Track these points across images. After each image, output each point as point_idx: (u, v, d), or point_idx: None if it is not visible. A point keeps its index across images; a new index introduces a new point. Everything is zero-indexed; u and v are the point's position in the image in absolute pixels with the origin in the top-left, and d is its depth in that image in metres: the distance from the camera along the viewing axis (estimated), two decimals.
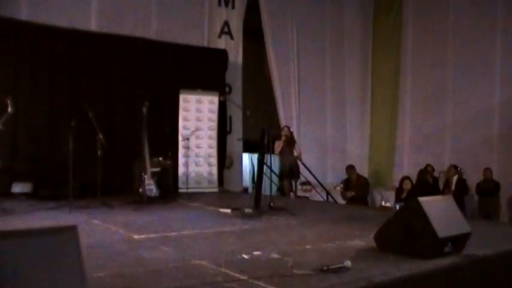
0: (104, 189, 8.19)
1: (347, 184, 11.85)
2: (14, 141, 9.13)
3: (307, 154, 13.06)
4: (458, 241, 4.58)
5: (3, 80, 9.18)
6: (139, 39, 10.96)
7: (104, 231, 5.87)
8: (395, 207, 9.91)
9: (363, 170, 13.78)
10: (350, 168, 11.93)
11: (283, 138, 10.43)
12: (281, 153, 10.55)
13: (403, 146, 13.94)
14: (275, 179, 10.48)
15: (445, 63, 13.06)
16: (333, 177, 13.53)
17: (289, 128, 10.71)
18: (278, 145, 10.31)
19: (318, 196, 12.03)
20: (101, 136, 7.85)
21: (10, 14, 9.49)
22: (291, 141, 10.53)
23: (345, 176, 12.18)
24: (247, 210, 7.26)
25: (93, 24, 10.58)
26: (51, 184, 8.87)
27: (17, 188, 8.97)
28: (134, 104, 10.01)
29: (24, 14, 9.75)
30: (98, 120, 8.03)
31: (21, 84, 9.43)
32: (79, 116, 7.92)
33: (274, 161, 10.56)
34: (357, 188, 11.47)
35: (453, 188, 11.40)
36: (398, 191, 11.40)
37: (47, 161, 9.40)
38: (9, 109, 7.39)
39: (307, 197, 11.92)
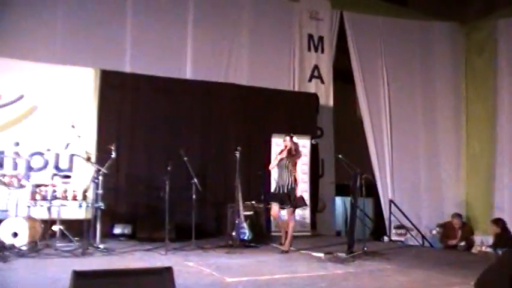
0: (198, 232, 8.38)
1: (447, 231, 11.11)
2: (116, 185, 9.63)
3: (401, 196, 12.74)
4: None
5: (109, 127, 9.81)
6: (232, 85, 11.36)
7: (198, 273, 5.98)
8: (497, 253, 9.30)
9: (460, 213, 13.15)
10: (456, 216, 11.14)
11: (283, 149, 8.18)
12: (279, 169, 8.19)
13: (502, 187, 13.16)
14: (368, 222, 10.17)
15: None
16: (428, 220, 13.00)
17: (291, 137, 8.23)
18: (275, 158, 8.28)
19: (413, 240, 11.60)
20: (195, 180, 8.09)
21: (116, 67, 10.25)
22: (293, 155, 8.11)
23: (441, 220, 11.60)
24: (340, 255, 7.15)
25: (188, 72, 11.14)
26: (148, 227, 9.21)
27: (118, 229, 9.38)
28: (227, 149, 10.27)
29: (127, 66, 10.52)
30: (193, 165, 8.29)
31: (123, 131, 10.02)
32: (175, 161, 8.22)
33: (367, 205, 10.30)
34: (464, 238, 10.69)
35: None
36: (499, 235, 10.64)
37: (145, 204, 9.80)
38: (113, 154, 7.87)
39: (401, 241, 11.53)
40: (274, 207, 8.04)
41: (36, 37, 9.89)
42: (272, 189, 8.34)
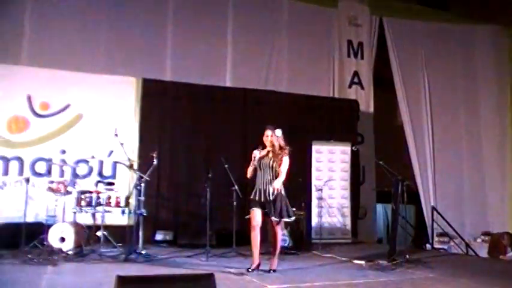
0: (239, 239, 8.42)
1: (496, 245, 10.83)
2: (158, 192, 9.79)
3: (443, 203, 12.49)
4: None
5: (150, 135, 10.01)
6: (272, 92, 11.40)
7: (239, 279, 6.01)
8: None
9: (505, 221, 12.80)
10: (506, 236, 10.84)
11: (265, 148, 6.63)
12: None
13: None
14: (410, 230, 10.01)
15: None
16: (472, 227, 12.71)
17: (274, 130, 6.63)
18: (253, 159, 6.60)
19: (456, 248, 11.37)
20: (236, 187, 8.14)
21: (157, 76, 10.49)
22: (278, 152, 6.55)
23: (486, 228, 11.32)
24: (382, 262, 7.08)
25: (228, 80, 11.27)
26: (189, 233, 9.32)
27: (160, 235, 9.55)
28: None
29: (168, 75, 10.72)
30: (234, 172, 8.35)
31: (165, 139, 10.18)
32: (216, 168, 8.29)
33: (409, 212, 10.15)
34: None
35: None
36: None
37: (186, 211, 9.92)
38: (155, 162, 8.01)
39: (444, 249, 11.30)
40: (257, 212, 6.50)
41: (81, 48, 10.19)
42: (252, 195, 6.63)
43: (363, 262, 7.31)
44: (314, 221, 10.19)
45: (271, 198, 6.38)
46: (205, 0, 11.54)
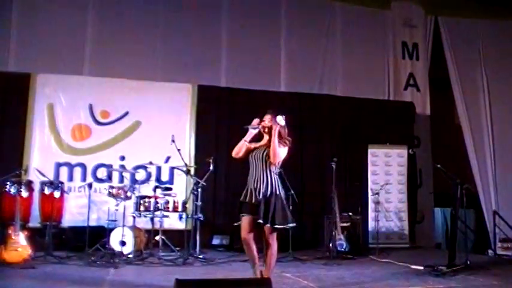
0: (295, 243, 8.44)
1: None
2: (214, 197, 9.94)
3: (506, 207, 12.04)
4: None
5: (206, 140, 10.20)
6: (326, 96, 11.38)
7: (295, 284, 6.04)
8: None
9: None
10: None
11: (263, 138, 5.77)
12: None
13: None
14: (470, 234, 9.74)
15: None
16: None
17: (274, 114, 5.78)
18: (241, 145, 5.76)
19: None
20: (292, 192, 8.17)
21: (212, 82, 10.72)
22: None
23: None
24: (441, 268, 6.93)
25: (282, 85, 11.31)
26: None
27: (217, 240, 9.69)
28: (324, 160, 10.26)
29: (223, 81, 10.88)
30: (290, 177, 8.37)
31: (220, 144, 10.29)
32: None
33: (468, 216, 9.87)
34: None
35: None
36: None
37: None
38: (211, 167, 8.16)
39: (508, 256, 10.91)
40: (244, 221, 5.44)
41: (139, 57, 10.43)
42: (242, 196, 5.58)
43: (421, 267, 7.18)
44: (371, 225, 10.11)
45: (267, 194, 5.34)
46: (258, 6, 11.60)
